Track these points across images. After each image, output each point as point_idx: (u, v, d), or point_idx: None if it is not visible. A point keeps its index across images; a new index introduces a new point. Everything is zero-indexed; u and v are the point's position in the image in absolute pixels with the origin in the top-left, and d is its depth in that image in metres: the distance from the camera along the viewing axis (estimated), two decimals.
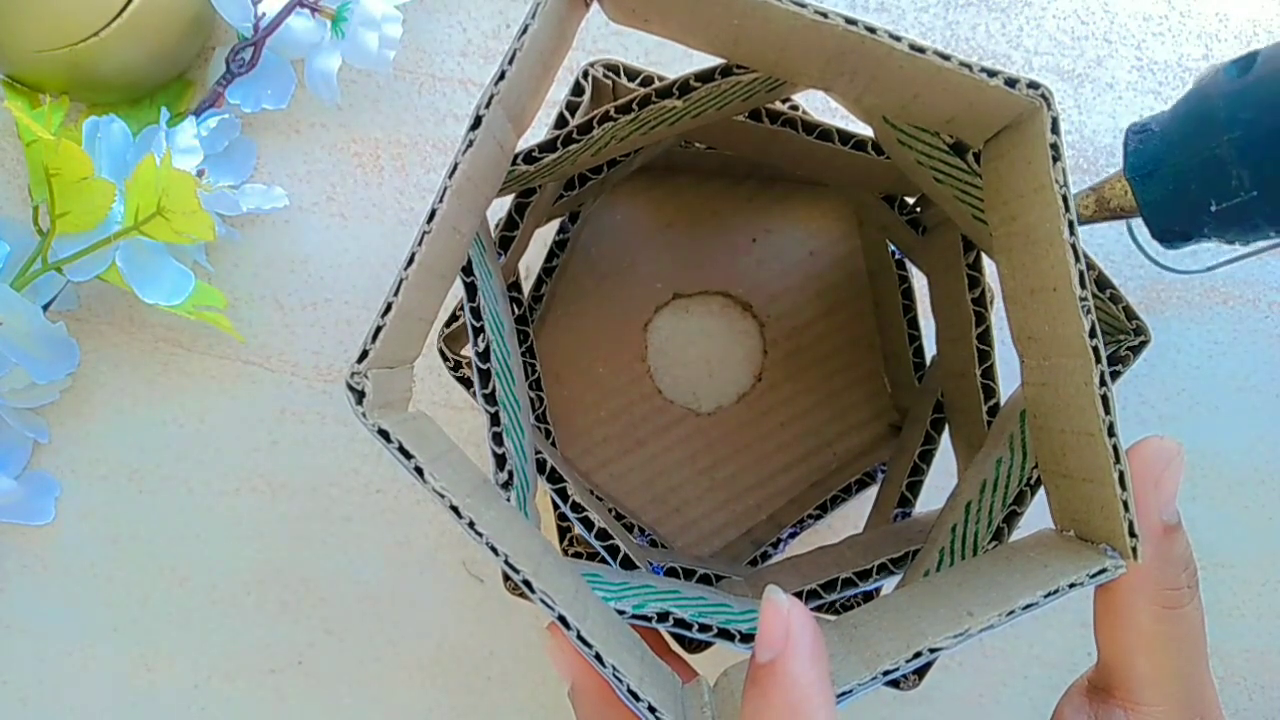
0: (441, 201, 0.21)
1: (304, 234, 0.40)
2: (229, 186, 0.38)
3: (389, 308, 0.20)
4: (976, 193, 0.26)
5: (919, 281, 0.36)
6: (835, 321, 0.39)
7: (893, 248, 0.36)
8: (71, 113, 0.37)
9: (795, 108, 0.32)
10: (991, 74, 0.21)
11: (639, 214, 0.39)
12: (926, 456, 0.34)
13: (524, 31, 0.21)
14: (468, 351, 0.28)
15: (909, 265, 0.36)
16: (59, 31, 0.34)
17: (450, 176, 0.21)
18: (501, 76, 0.21)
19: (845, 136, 0.31)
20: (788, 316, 0.39)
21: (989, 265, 0.30)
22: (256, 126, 0.39)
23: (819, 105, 0.38)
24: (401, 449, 0.20)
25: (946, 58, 0.21)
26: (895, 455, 0.36)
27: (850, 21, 0.20)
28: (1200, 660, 0.24)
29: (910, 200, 0.34)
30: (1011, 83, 0.21)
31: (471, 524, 0.20)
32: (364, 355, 0.20)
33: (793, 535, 0.37)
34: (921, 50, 0.20)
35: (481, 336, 0.26)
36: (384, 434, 0.20)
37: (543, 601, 0.20)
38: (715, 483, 0.39)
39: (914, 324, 0.36)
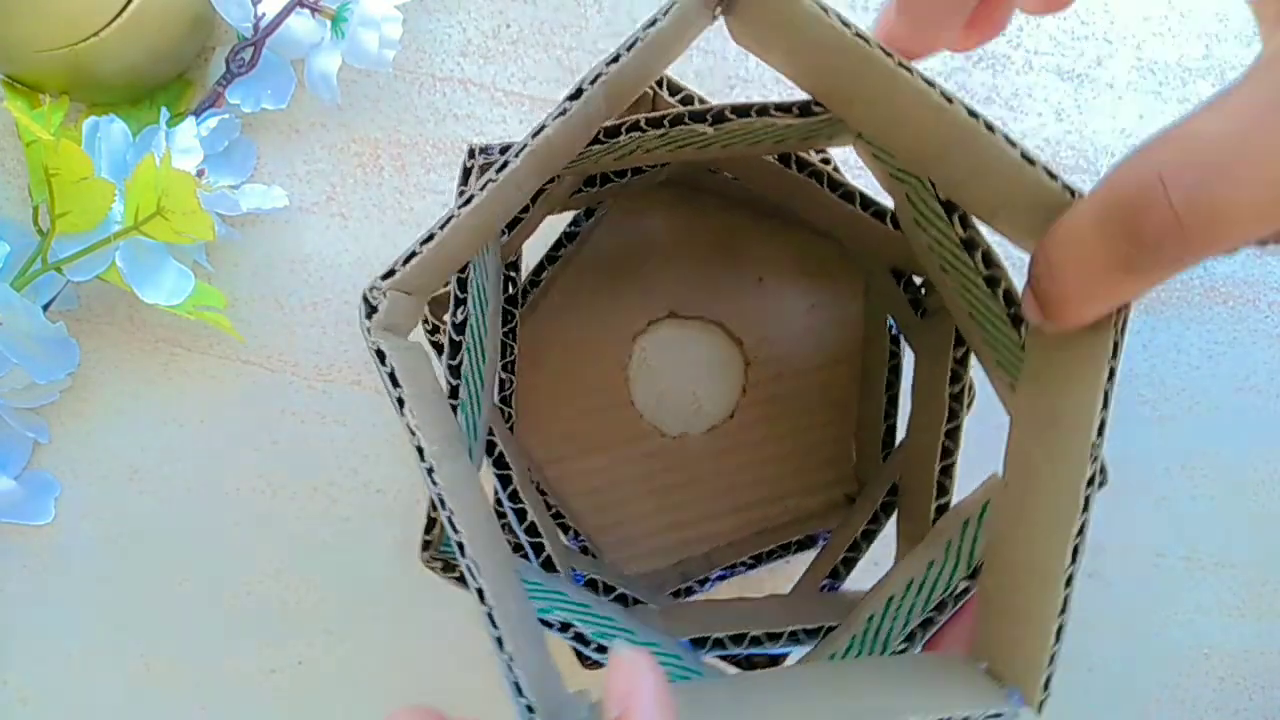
0: (517, 157, 0.20)
1: (304, 234, 0.40)
2: (229, 186, 0.38)
3: (430, 237, 0.20)
4: (977, 290, 0.25)
5: (909, 361, 0.36)
6: (820, 378, 0.39)
7: (892, 322, 0.36)
8: (71, 113, 0.37)
9: (827, 160, 0.31)
10: (1053, 177, 0.20)
11: (656, 226, 0.39)
12: (869, 536, 0.33)
13: (651, 24, 0.20)
14: (449, 318, 0.28)
15: (904, 343, 0.36)
16: (59, 31, 0.34)
17: (533, 137, 0.20)
18: (615, 59, 0.21)
19: (867, 202, 0.30)
20: (775, 362, 0.39)
21: (976, 367, 0.30)
22: (256, 126, 0.39)
23: (851, 163, 0.37)
24: (392, 376, 0.20)
25: (1054, 176, 0.20)
26: (840, 526, 0.36)
27: (972, 114, 0.20)
28: None
29: (918, 280, 0.34)
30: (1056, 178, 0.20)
31: (431, 470, 0.20)
32: (390, 273, 0.20)
33: (721, 578, 0.37)
34: (1031, 161, 0.20)
35: (462, 309, 0.26)
36: (380, 354, 0.20)
37: (468, 569, 0.20)
38: (663, 506, 0.39)
39: (894, 401, 0.36)
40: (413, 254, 0.20)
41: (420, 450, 0.20)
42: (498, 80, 0.40)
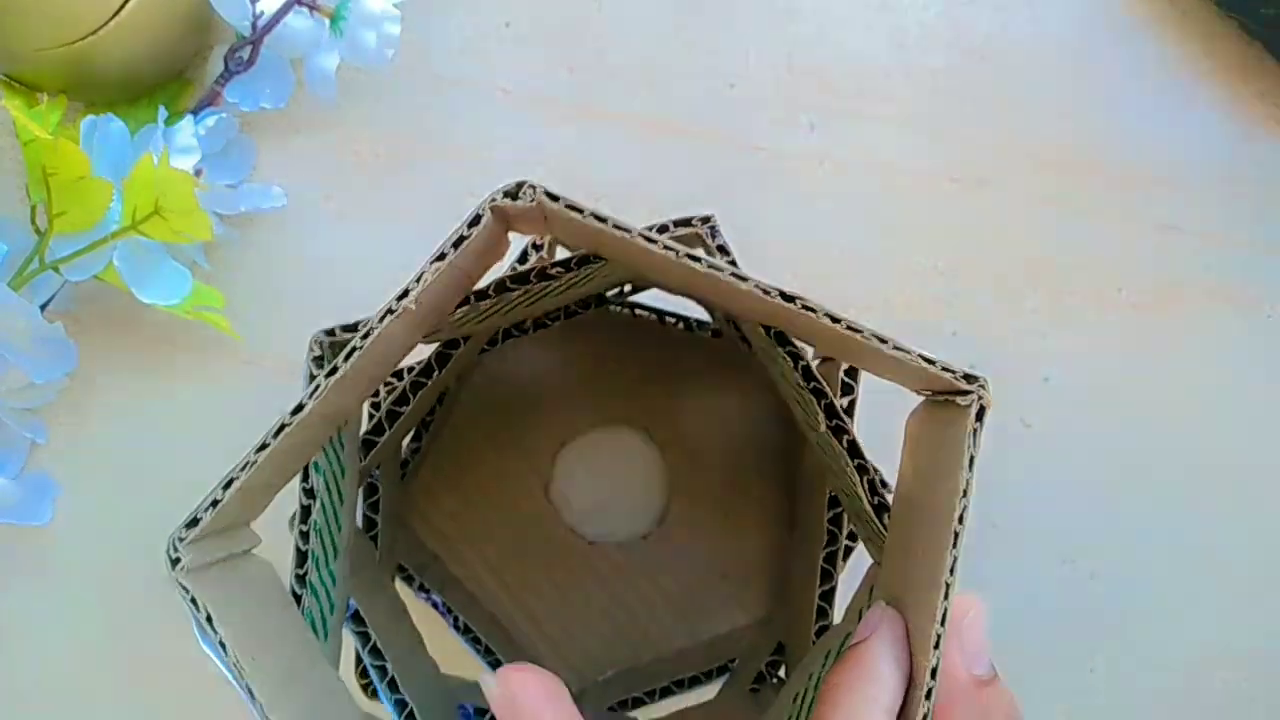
0: (312, 398, 0.20)
1: (302, 233, 0.40)
2: (227, 186, 0.38)
3: (230, 483, 0.19)
4: (847, 481, 0.26)
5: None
6: (740, 495, 0.38)
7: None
8: (69, 112, 0.37)
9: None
10: (930, 361, 0.20)
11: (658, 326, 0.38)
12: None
13: (440, 257, 0.20)
14: (297, 525, 0.28)
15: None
16: (57, 30, 0.34)
17: (328, 376, 0.20)
18: (405, 294, 0.20)
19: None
20: (712, 470, 0.38)
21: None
22: (255, 125, 0.39)
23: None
24: (209, 619, 0.19)
25: (884, 340, 0.20)
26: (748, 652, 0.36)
27: (788, 298, 0.20)
28: None
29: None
30: (949, 370, 0.20)
31: (264, 709, 0.19)
32: (194, 522, 0.19)
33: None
34: (859, 331, 0.20)
35: (309, 508, 0.26)
36: (194, 602, 0.19)
37: None
38: (550, 577, 0.38)
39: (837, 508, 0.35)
40: (215, 501, 0.19)
41: (250, 691, 0.19)
42: (497, 79, 0.40)
